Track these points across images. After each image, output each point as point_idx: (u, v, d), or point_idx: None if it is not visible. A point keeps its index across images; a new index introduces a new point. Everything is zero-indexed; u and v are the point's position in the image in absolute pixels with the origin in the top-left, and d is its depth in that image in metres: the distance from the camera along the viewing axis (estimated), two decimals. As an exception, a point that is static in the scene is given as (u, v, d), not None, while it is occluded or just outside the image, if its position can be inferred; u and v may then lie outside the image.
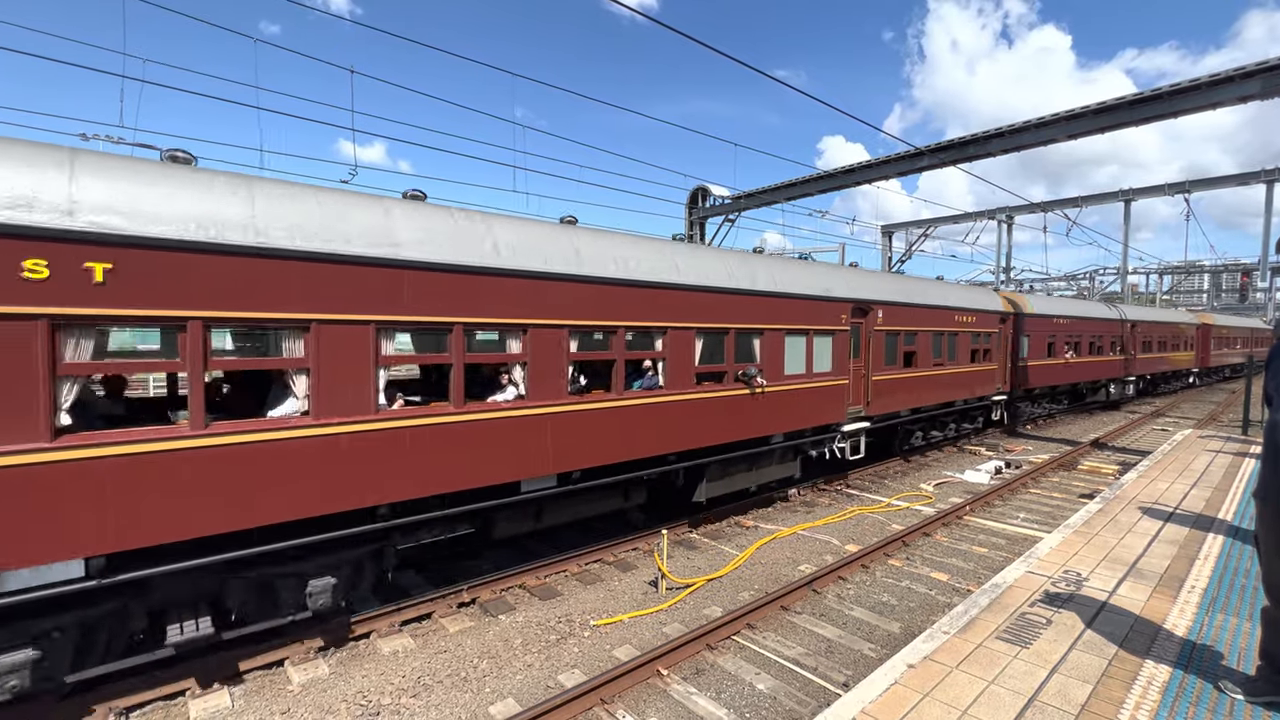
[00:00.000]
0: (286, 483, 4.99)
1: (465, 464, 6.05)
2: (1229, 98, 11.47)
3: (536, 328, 6.54)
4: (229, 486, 4.74)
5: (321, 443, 5.15)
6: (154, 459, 4.48)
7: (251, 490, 4.84)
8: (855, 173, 18.21)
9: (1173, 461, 10.63)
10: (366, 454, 5.38)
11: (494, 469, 6.26)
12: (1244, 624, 4.62)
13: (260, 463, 4.88)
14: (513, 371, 6.53)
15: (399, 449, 5.58)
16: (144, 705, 4.75)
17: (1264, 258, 27.19)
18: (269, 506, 4.93)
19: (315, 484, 5.13)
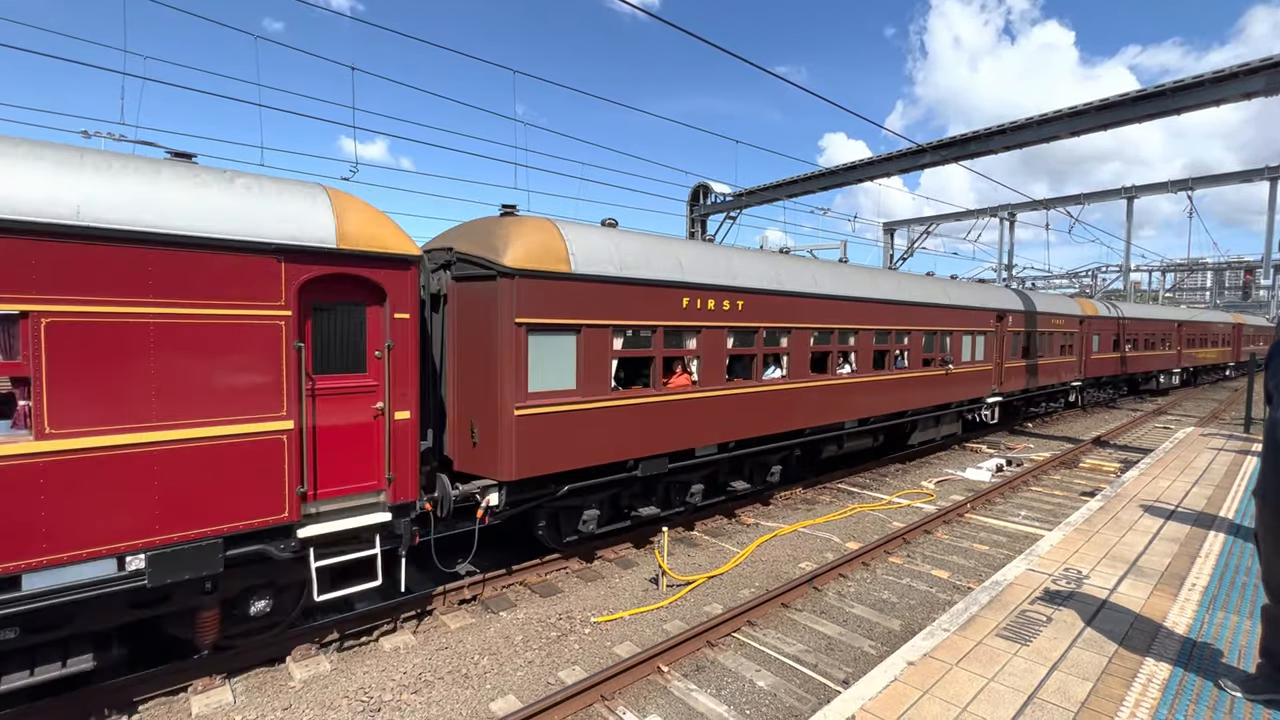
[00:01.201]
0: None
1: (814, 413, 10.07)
2: (1233, 94, 11.41)
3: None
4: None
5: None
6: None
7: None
8: (857, 170, 18.17)
9: (1174, 459, 10.62)
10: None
11: (831, 415, 10.42)
12: (1244, 622, 4.62)
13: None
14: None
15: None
16: (147, 700, 4.78)
17: (1267, 255, 27.09)
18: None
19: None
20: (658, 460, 7.76)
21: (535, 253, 6.46)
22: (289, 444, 4.86)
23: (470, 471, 6.60)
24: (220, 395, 4.57)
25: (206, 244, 4.46)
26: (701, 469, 8.68)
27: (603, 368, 7.10)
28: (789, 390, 9.50)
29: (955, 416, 14.38)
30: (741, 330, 8.80)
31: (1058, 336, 18.44)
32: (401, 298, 5.44)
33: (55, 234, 3.96)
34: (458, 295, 6.73)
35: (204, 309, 4.49)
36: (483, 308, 6.49)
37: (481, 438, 6.54)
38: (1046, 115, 13.54)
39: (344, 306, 5.25)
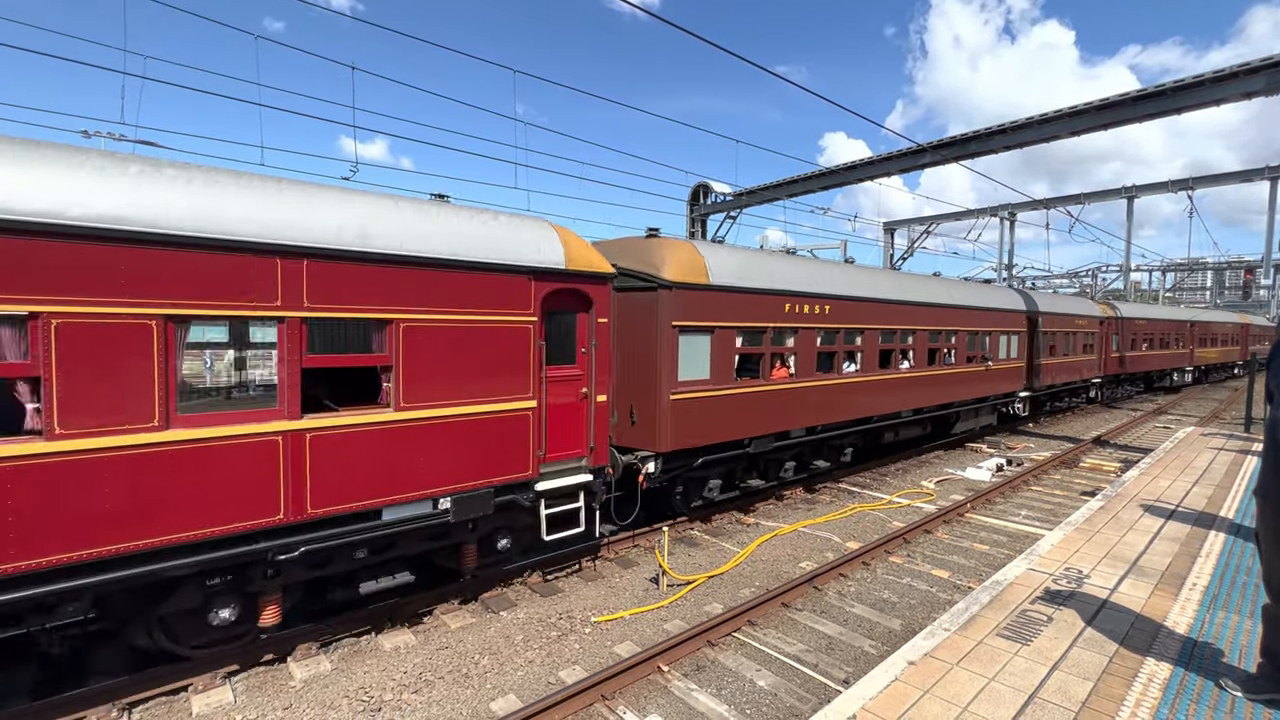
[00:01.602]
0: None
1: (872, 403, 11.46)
2: (1233, 94, 11.40)
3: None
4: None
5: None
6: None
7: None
8: (857, 169, 18.16)
9: (1175, 459, 10.62)
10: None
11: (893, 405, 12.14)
12: (1245, 621, 4.61)
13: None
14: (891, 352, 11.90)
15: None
16: (147, 700, 4.78)
17: (1267, 255, 27.08)
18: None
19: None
20: (765, 439, 9.49)
21: (685, 269, 8.23)
22: (534, 418, 6.49)
23: (629, 446, 8.17)
24: (495, 380, 6.15)
25: (488, 267, 6.01)
26: (793, 449, 10.32)
27: (728, 361, 8.84)
28: (863, 383, 11.25)
29: (992, 409, 16.21)
30: (828, 330, 10.50)
31: (1080, 336, 20.21)
32: (602, 306, 7.10)
33: (417, 264, 5.60)
34: (618, 303, 8.19)
35: (487, 316, 6.09)
36: (643, 313, 8.21)
37: (641, 418, 8.25)
38: (1047, 115, 13.54)
39: (565, 314, 6.90)
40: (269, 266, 4.84)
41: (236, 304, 4.74)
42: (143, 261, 4.33)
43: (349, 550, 5.48)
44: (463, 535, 6.28)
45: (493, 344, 6.10)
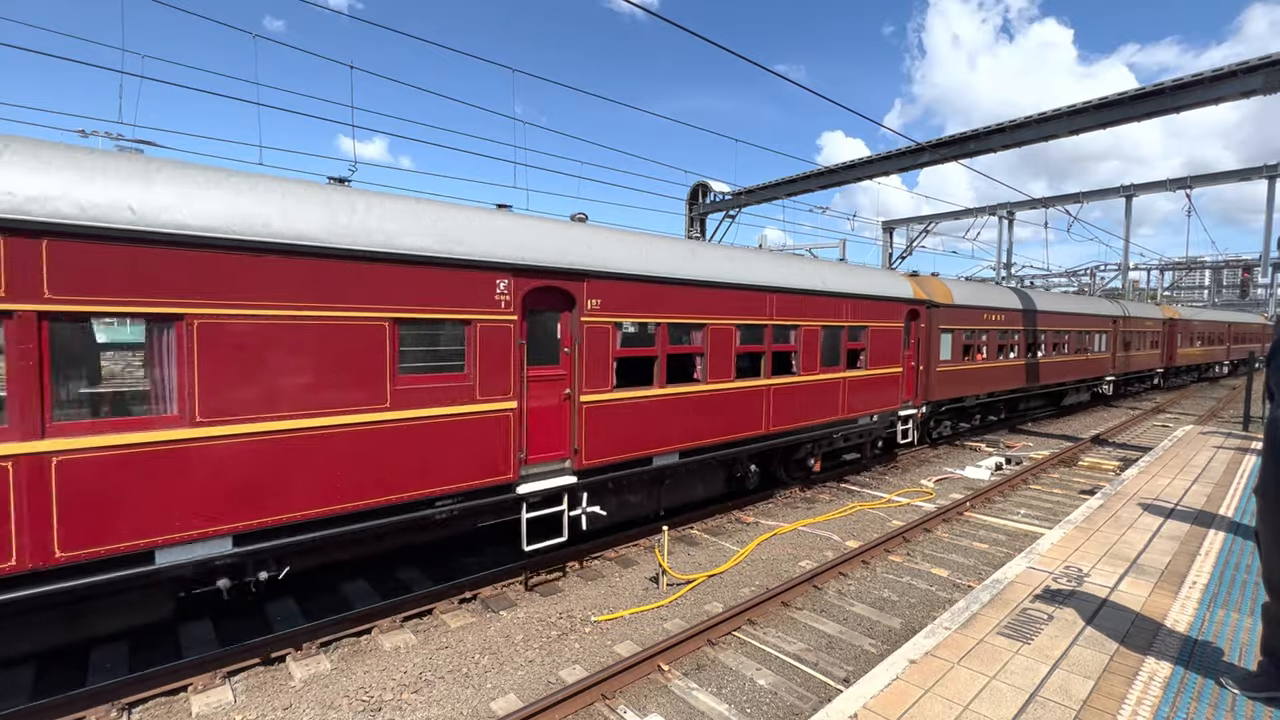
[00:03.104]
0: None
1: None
2: (1231, 92, 11.41)
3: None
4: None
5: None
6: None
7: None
8: (856, 168, 18.16)
9: (1173, 458, 10.63)
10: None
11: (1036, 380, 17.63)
12: (1245, 620, 4.62)
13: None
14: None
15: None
16: (146, 700, 4.76)
17: (1265, 253, 27.13)
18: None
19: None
20: (977, 397, 15.29)
21: (944, 294, 13.87)
22: (903, 379, 12.11)
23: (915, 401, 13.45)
24: (881, 359, 10.86)
25: (883, 298, 11.42)
26: (996, 408, 17.01)
27: (960, 349, 14.34)
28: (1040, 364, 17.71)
29: (1087, 389, 21.69)
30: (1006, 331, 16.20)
31: (1149, 334, 25.72)
32: (932, 317, 13.13)
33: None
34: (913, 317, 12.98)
35: (881, 323, 11.40)
36: (925, 322, 13.26)
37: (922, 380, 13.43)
38: (1046, 114, 13.55)
39: (915, 323, 12.88)
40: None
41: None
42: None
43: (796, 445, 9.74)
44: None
45: (878, 338, 11.42)
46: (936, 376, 13.37)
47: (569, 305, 6.85)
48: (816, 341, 10.00)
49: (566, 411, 6.91)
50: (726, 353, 8.47)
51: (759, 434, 9.13)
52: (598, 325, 7.01)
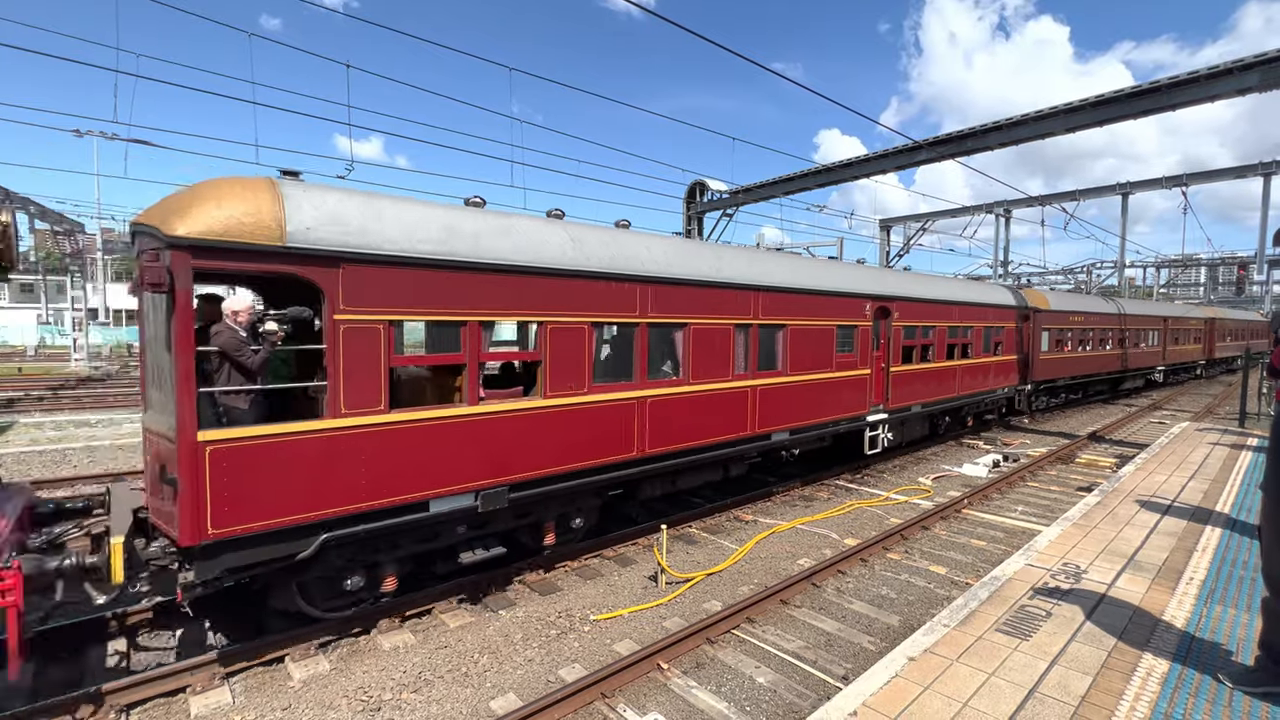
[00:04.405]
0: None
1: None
2: (1227, 90, 11.44)
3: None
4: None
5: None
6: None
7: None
8: (853, 167, 18.18)
9: (1170, 454, 10.67)
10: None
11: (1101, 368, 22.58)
12: (1242, 615, 4.64)
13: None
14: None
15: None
16: (144, 702, 4.75)
17: (1261, 250, 27.22)
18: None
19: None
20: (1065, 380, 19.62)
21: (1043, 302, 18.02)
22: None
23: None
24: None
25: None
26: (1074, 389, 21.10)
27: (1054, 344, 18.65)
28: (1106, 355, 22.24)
29: (1141, 377, 26.08)
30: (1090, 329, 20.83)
31: (1193, 331, 30.64)
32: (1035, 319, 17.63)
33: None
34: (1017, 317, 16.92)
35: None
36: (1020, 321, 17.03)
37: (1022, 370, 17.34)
38: (1043, 111, 13.56)
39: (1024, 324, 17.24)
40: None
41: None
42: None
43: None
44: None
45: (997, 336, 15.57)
46: (1039, 363, 17.72)
47: (886, 315, 11.64)
48: (980, 336, 14.80)
49: (883, 377, 11.66)
50: (944, 343, 13.47)
51: (953, 396, 14.03)
52: (897, 328, 11.92)
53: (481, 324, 5.97)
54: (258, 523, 4.79)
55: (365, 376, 5.26)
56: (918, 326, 12.55)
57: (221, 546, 4.70)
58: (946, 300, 13.51)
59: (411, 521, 5.65)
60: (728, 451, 8.65)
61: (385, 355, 5.35)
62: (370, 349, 5.27)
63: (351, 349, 5.17)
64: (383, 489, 5.40)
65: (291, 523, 4.95)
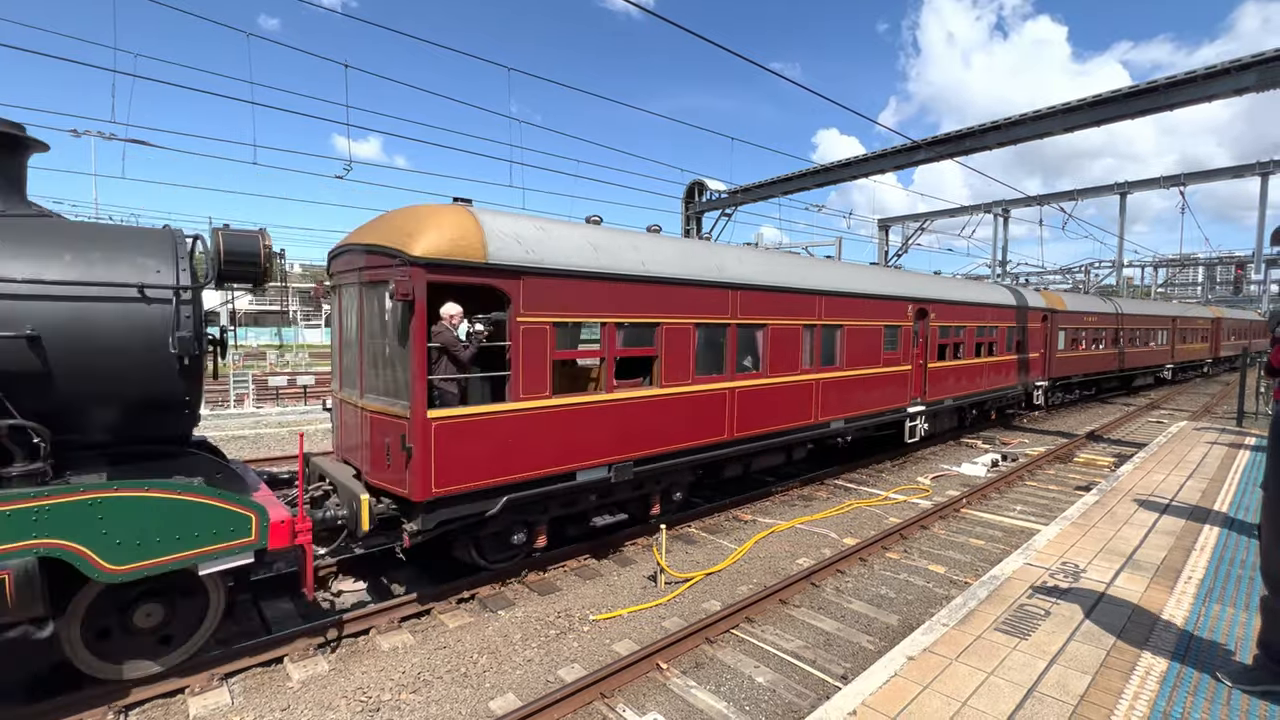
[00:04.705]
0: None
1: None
2: (1225, 90, 11.45)
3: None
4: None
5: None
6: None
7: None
8: (852, 166, 18.18)
9: (1168, 453, 10.69)
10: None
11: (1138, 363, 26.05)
12: (1240, 614, 4.65)
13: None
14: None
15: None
16: (143, 703, 4.74)
17: (1258, 250, 27.26)
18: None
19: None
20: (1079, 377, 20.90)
21: (1060, 303, 19.24)
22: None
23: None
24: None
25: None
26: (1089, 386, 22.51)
27: (1070, 342, 19.73)
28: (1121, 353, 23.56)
29: (1151, 375, 27.59)
30: (1104, 329, 21.96)
31: (1200, 331, 32.38)
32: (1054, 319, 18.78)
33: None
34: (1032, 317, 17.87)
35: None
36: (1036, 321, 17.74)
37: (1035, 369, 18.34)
38: (1041, 111, 13.57)
39: (1043, 325, 17.97)
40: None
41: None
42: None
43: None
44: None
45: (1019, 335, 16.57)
46: (1056, 361, 18.84)
47: (924, 316, 12.73)
48: (1004, 336, 15.91)
49: (921, 372, 12.74)
50: (971, 342, 14.57)
51: (980, 391, 15.10)
52: (934, 328, 13.07)
53: (616, 324, 7.17)
54: (463, 484, 6.00)
55: (536, 368, 6.47)
56: (951, 327, 13.73)
57: (439, 503, 5.88)
58: (976, 302, 14.70)
59: (562, 489, 6.87)
60: (794, 437, 9.84)
61: (550, 350, 6.56)
62: (540, 345, 6.47)
63: (528, 346, 6.38)
64: (545, 460, 6.61)
65: (486, 485, 6.17)
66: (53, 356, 4.48)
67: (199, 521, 4.53)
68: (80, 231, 5.05)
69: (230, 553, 4.69)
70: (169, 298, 4.91)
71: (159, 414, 5.15)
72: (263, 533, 4.80)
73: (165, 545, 4.43)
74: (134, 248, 5.00)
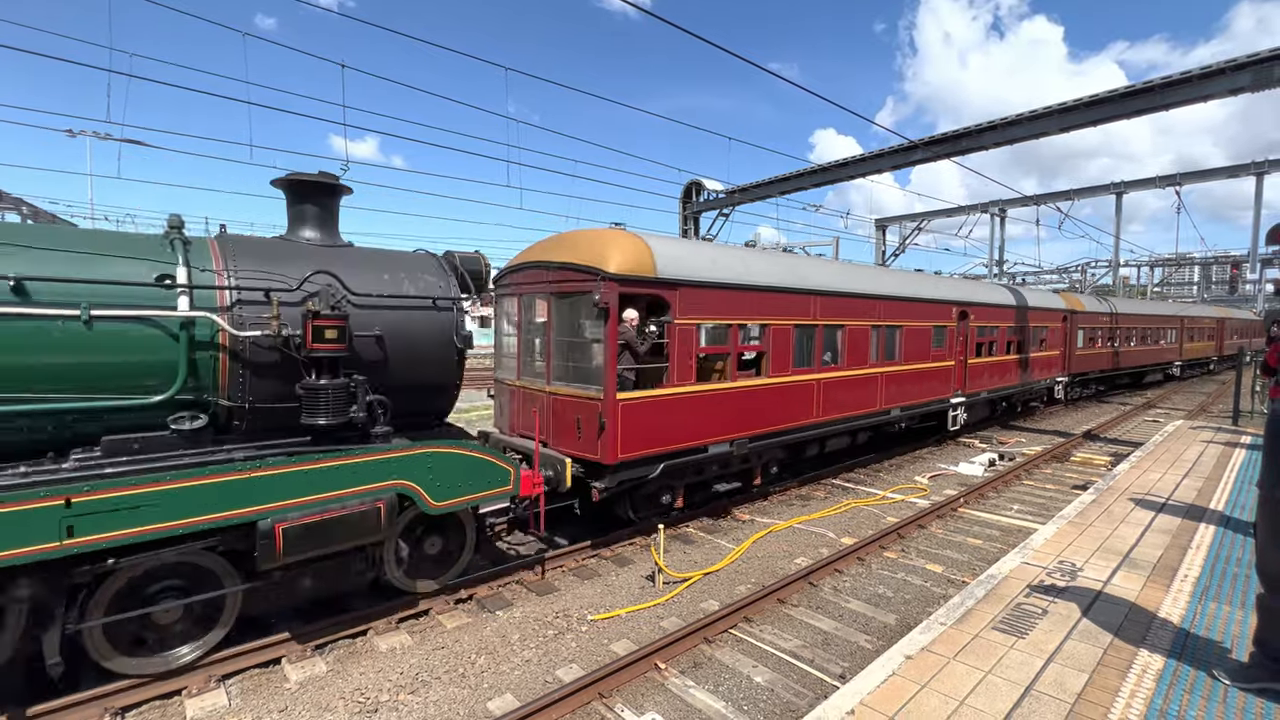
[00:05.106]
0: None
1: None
2: (1220, 90, 11.50)
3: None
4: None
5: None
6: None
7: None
8: (849, 166, 18.22)
9: (1164, 452, 10.72)
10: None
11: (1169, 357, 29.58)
12: (1236, 612, 4.66)
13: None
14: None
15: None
16: (139, 705, 4.73)
17: (1253, 249, 27.37)
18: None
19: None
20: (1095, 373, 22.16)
21: (1079, 304, 20.43)
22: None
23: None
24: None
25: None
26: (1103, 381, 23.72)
27: (1088, 341, 21.03)
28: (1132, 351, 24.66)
29: (1161, 371, 29.13)
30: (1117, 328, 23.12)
31: (1206, 330, 33.44)
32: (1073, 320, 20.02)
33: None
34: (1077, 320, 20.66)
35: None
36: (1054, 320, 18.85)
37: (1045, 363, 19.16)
38: (1037, 111, 13.62)
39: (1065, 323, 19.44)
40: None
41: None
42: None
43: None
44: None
45: (1043, 334, 17.92)
46: (1075, 358, 20.07)
47: (965, 318, 14.22)
48: (1031, 335, 17.19)
49: (962, 368, 14.11)
50: (1003, 341, 15.89)
51: (1011, 385, 16.50)
52: (973, 328, 14.54)
53: (738, 325, 8.75)
54: (638, 452, 7.57)
55: (685, 361, 8.03)
56: (987, 327, 15.23)
57: (621, 466, 7.44)
58: (1008, 305, 16.24)
59: (697, 460, 8.42)
60: (861, 422, 11.36)
61: (694, 347, 8.23)
62: (688, 342, 8.07)
63: (680, 343, 7.93)
64: (688, 435, 8.15)
65: (651, 453, 7.75)
66: (389, 350, 5.93)
67: (483, 473, 6.09)
68: (377, 256, 6.38)
69: (498, 497, 6.32)
70: (450, 306, 6.39)
71: (440, 394, 6.67)
72: (517, 483, 6.34)
73: (464, 489, 5.98)
74: (422, 269, 6.45)
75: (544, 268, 8.10)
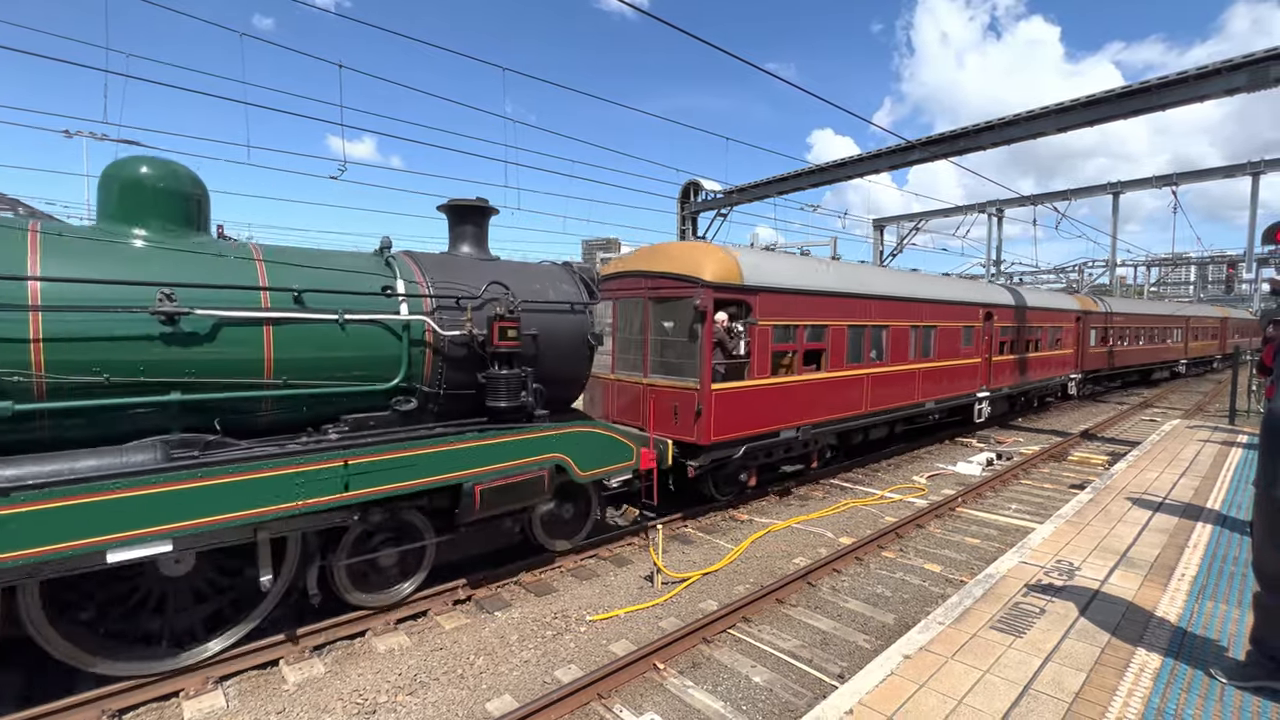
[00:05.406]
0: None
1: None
2: (1216, 90, 11.53)
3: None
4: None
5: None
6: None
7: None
8: (847, 166, 18.23)
9: (1161, 451, 10.75)
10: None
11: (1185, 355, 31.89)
12: (1233, 611, 4.68)
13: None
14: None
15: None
16: (137, 707, 4.71)
17: (1249, 249, 27.43)
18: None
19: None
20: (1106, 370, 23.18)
21: (1091, 305, 21.71)
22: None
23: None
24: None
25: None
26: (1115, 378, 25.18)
27: (1100, 339, 22.23)
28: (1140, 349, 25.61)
29: (1167, 369, 30.21)
30: (1126, 328, 24.27)
31: (1210, 329, 34.89)
32: (1086, 321, 20.95)
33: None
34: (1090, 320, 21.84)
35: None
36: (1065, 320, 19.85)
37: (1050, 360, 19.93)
38: (1034, 111, 13.64)
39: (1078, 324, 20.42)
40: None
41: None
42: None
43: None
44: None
45: (1058, 334, 19.06)
46: (1088, 356, 21.00)
47: (990, 319, 15.11)
48: (1048, 335, 18.39)
49: (987, 365, 15.10)
50: (1023, 340, 16.88)
51: (1029, 381, 17.55)
52: (996, 327, 15.44)
53: (805, 326, 9.86)
54: (727, 435, 8.71)
55: (763, 356, 9.18)
56: (1009, 327, 16.22)
57: (714, 447, 8.60)
58: (1028, 306, 17.36)
59: (768, 444, 9.49)
60: (901, 413, 12.44)
61: (770, 344, 9.32)
62: (765, 340, 9.22)
63: (759, 340, 9.11)
64: (764, 422, 9.28)
65: (736, 437, 8.87)
66: (541, 347, 6.82)
67: (615, 449, 7.26)
68: (525, 268, 7.41)
69: (624, 470, 7.47)
70: (584, 310, 7.38)
71: (574, 384, 7.68)
72: (638, 459, 7.49)
73: (601, 462, 7.15)
74: (559, 278, 7.41)
75: (642, 276, 9.27)
